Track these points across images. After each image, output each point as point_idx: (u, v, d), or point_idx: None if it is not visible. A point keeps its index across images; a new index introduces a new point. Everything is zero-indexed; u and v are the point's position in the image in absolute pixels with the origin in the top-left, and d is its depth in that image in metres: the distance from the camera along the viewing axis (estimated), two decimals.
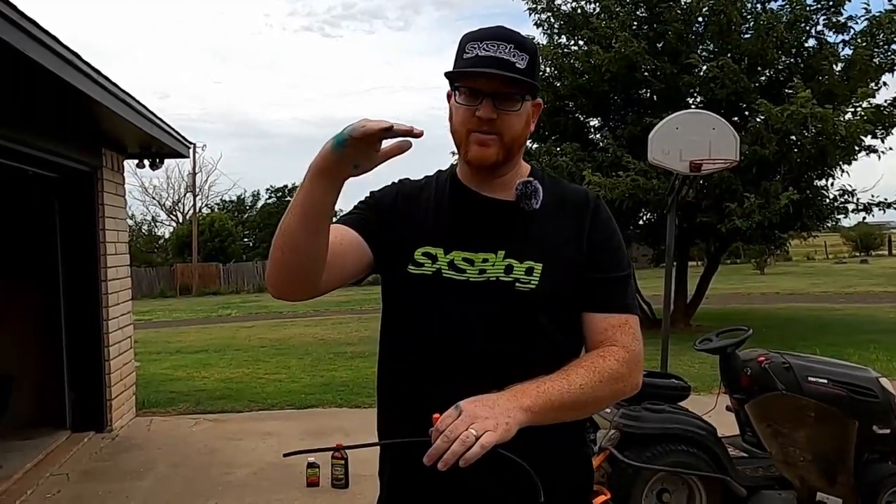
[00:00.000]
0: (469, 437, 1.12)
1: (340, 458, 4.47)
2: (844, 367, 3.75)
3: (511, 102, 1.34)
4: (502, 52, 1.33)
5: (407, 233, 1.40)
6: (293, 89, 72.31)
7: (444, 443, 1.13)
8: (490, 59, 1.33)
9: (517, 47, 1.34)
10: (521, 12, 12.76)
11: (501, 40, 1.34)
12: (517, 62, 1.33)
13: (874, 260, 33.89)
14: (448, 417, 1.16)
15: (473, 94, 1.34)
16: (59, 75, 3.73)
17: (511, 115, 1.35)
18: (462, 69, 1.34)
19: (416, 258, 1.39)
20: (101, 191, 5.83)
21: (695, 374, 7.22)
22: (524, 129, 1.40)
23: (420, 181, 1.53)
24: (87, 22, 59.61)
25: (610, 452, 3.49)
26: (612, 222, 1.45)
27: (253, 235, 40.40)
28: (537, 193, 1.41)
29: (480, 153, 1.36)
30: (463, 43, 1.37)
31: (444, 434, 1.14)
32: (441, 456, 1.12)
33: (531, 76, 1.35)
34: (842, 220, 12.25)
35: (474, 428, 1.14)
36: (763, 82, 11.31)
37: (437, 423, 1.16)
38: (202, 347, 11.58)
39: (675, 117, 5.95)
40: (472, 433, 1.13)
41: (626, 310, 1.39)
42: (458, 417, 1.15)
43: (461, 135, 1.38)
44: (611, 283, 1.40)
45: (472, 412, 1.16)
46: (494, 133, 1.35)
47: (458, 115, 1.38)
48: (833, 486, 3.41)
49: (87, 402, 5.79)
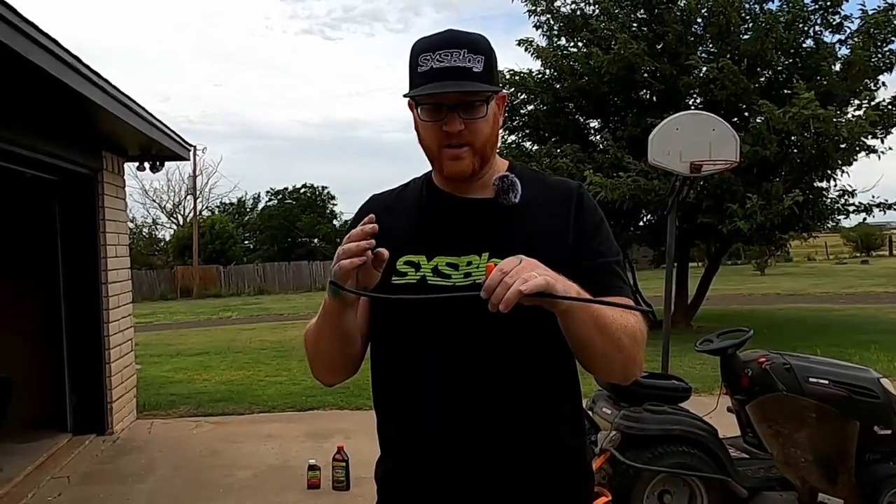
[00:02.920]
0: (533, 275, 1.12)
1: (341, 461, 4.47)
2: (845, 368, 3.75)
3: (476, 110, 1.32)
4: (456, 59, 1.30)
5: (387, 245, 1.38)
6: (293, 91, 72.47)
7: (505, 278, 1.12)
8: (447, 70, 1.30)
9: (470, 50, 1.31)
10: (521, 14, 12.87)
11: (454, 47, 1.30)
12: (474, 66, 1.31)
13: (875, 260, 33.88)
14: (511, 261, 1.15)
15: (436, 108, 1.32)
16: (59, 78, 3.74)
17: (478, 122, 1.33)
18: (421, 92, 1.31)
19: (399, 268, 1.37)
20: (101, 193, 5.84)
21: (696, 375, 7.22)
22: (493, 129, 1.38)
23: (394, 190, 1.52)
24: (88, 25, 59.66)
25: (611, 454, 3.49)
26: (597, 211, 1.43)
27: (253, 238, 40.42)
28: (515, 187, 1.38)
29: (455, 167, 1.35)
30: (415, 53, 1.34)
31: (506, 273, 1.13)
32: (495, 289, 1.12)
33: (489, 77, 1.33)
34: (842, 220, 12.27)
35: (536, 272, 1.14)
36: (762, 83, 11.32)
37: (501, 264, 1.15)
38: (203, 350, 11.58)
39: (675, 118, 5.95)
40: (535, 274, 1.13)
41: (623, 293, 1.36)
42: (519, 264, 1.15)
43: (433, 150, 1.37)
44: (605, 268, 1.37)
45: (533, 262, 1.16)
46: (465, 144, 1.34)
47: (425, 132, 1.36)
48: (834, 486, 3.41)
49: (87, 404, 5.79)
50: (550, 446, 1.37)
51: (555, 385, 1.39)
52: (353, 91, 78.52)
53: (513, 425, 1.34)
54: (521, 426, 1.35)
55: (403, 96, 1.35)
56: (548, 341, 1.31)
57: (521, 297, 1.10)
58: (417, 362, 1.36)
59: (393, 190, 1.53)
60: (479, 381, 1.32)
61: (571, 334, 1.25)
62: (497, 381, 1.33)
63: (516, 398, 1.34)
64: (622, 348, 1.27)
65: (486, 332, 1.32)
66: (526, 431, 1.35)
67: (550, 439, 1.37)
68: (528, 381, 1.35)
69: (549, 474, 1.37)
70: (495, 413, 1.33)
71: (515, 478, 1.35)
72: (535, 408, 1.35)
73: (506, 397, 1.33)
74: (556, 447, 1.38)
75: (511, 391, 1.34)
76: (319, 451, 5.01)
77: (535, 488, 1.36)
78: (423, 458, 1.37)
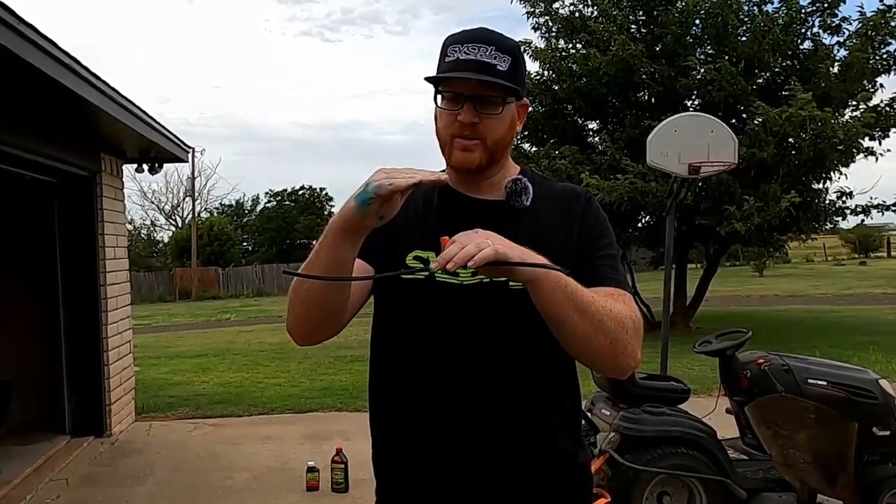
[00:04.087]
0: (485, 243, 1.11)
1: (340, 463, 4.47)
2: (844, 369, 3.75)
3: (492, 106, 1.34)
4: (482, 54, 1.32)
5: (397, 239, 1.39)
6: (293, 93, 72.49)
7: (458, 247, 1.10)
8: (470, 63, 1.31)
9: (498, 49, 1.32)
10: (520, 16, 12.88)
11: (482, 42, 1.32)
12: (498, 64, 1.32)
13: (873, 262, 33.88)
14: (465, 234, 1.14)
15: (455, 98, 1.34)
16: (57, 80, 3.74)
17: (493, 119, 1.34)
18: (441, 74, 1.34)
19: (409, 263, 1.38)
20: (100, 195, 5.83)
21: (694, 376, 7.22)
22: (508, 131, 1.39)
23: None
24: (87, 28, 59.65)
25: (610, 455, 3.49)
26: (602, 213, 1.45)
27: (252, 239, 40.40)
28: (527, 191, 1.40)
29: (463, 158, 1.36)
30: (445, 46, 1.36)
31: (459, 241, 1.12)
32: (451, 259, 1.09)
33: (513, 78, 1.34)
34: (840, 222, 12.28)
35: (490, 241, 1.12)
36: (760, 84, 11.33)
37: (455, 236, 1.14)
38: (201, 352, 11.57)
39: (673, 120, 5.96)
40: (489, 242, 1.12)
41: (621, 285, 1.37)
42: (475, 234, 1.14)
43: (445, 139, 1.38)
44: (602, 260, 1.38)
45: (489, 234, 1.15)
46: (477, 138, 1.35)
47: (441, 120, 1.38)
48: (833, 487, 3.41)
49: (86, 406, 5.78)
50: (548, 446, 1.38)
51: (554, 385, 1.40)
52: (352, 93, 78.62)
53: (511, 425, 1.35)
54: (519, 426, 1.35)
55: (424, 79, 1.36)
56: (551, 338, 1.30)
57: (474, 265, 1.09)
58: (426, 360, 1.36)
59: None
60: (486, 378, 1.33)
61: (544, 309, 1.22)
62: (502, 380, 1.33)
63: (515, 398, 1.34)
64: (606, 332, 1.23)
65: (486, 330, 1.34)
66: (523, 431, 1.36)
67: (548, 439, 1.38)
68: (526, 380, 1.36)
69: (546, 475, 1.38)
70: (494, 411, 1.34)
71: (512, 477, 1.35)
72: (534, 407, 1.36)
73: (505, 396, 1.34)
74: (554, 448, 1.39)
75: (510, 391, 1.34)
76: (318, 452, 5.01)
77: (533, 488, 1.37)
78: (419, 455, 1.37)
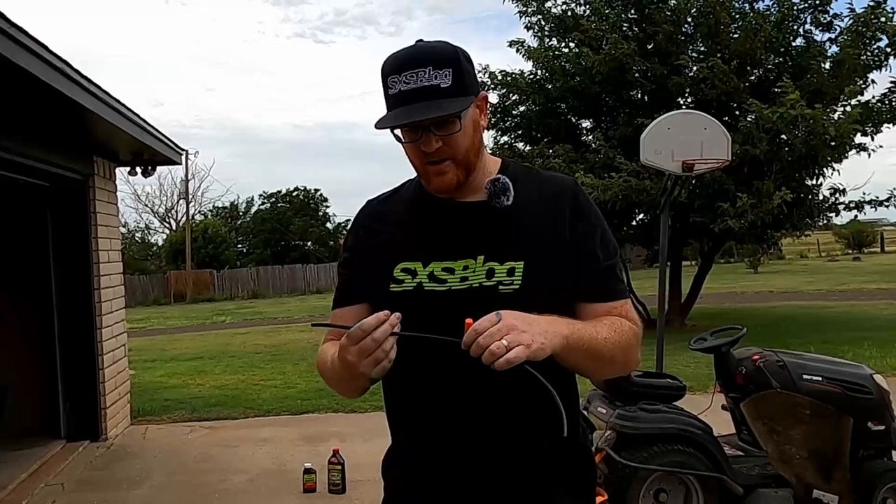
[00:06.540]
0: (500, 347, 1.13)
1: (337, 464, 4.46)
2: (839, 365, 3.76)
3: (450, 126, 1.32)
4: (423, 79, 1.29)
5: (383, 253, 1.39)
6: (286, 95, 72.36)
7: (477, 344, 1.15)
8: (413, 93, 1.29)
9: (436, 66, 1.29)
10: (513, 15, 12.86)
11: (418, 66, 1.29)
12: (441, 82, 1.29)
13: (866, 257, 34.01)
14: (487, 321, 1.16)
15: (413, 129, 1.33)
16: (48, 83, 3.72)
17: (455, 137, 1.33)
18: (388, 124, 1.31)
19: (396, 276, 1.38)
20: (93, 199, 5.81)
21: (690, 373, 7.23)
22: (474, 136, 1.38)
23: (385, 195, 1.53)
24: (80, 31, 59.48)
25: (606, 453, 3.49)
26: (593, 207, 1.44)
27: (247, 241, 40.30)
28: (507, 189, 1.38)
29: (439, 182, 1.37)
30: (384, 76, 1.33)
31: (480, 335, 1.15)
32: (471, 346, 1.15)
33: (461, 87, 1.31)
34: (833, 218, 12.32)
35: (507, 339, 1.14)
36: (753, 82, 11.36)
37: (475, 325, 1.16)
38: (197, 354, 11.54)
39: (666, 118, 5.97)
40: (504, 344, 1.13)
41: (622, 295, 1.41)
42: (496, 324, 1.16)
43: (418, 168, 1.39)
44: (604, 272, 1.40)
45: (510, 323, 1.17)
46: (446, 158, 1.34)
47: (408, 151, 1.38)
48: (829, 483, 3.42)
49: (81, 411, 5.76)
50: (549, 442, 1.38)
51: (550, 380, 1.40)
52: (345, 94, 78.56)
53: (511, 425, 1.36)
54: (519, 425, 1.36)
55: (375, 126, 1.33)
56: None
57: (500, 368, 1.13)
58: (421, 370, 1.36)
59: (384, 195, 1.53)
60: (482, 385, 1.32)
61: (565, 365, 1.31)
62: (499, 386, 1.33)
63: (514, 398, 1.35)
64: (615, 363, 1.37)
65: None
66: (524, 429, 1.37)
67: (549, 434, 1.38)
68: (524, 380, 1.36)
69: (550, 467, 1.39)
70: (494, 411, 1.35)
71: (519, 473, 1.37)
72: (533, 405, 1.36)
73: (503, 397, 1.34)
74: (555, 441, 1.39)
75: (508, 391, 1.34)
76: (315, 454, 5.00)
77: (539, 482, 1.38)
78: (434, 459, 1.38)
